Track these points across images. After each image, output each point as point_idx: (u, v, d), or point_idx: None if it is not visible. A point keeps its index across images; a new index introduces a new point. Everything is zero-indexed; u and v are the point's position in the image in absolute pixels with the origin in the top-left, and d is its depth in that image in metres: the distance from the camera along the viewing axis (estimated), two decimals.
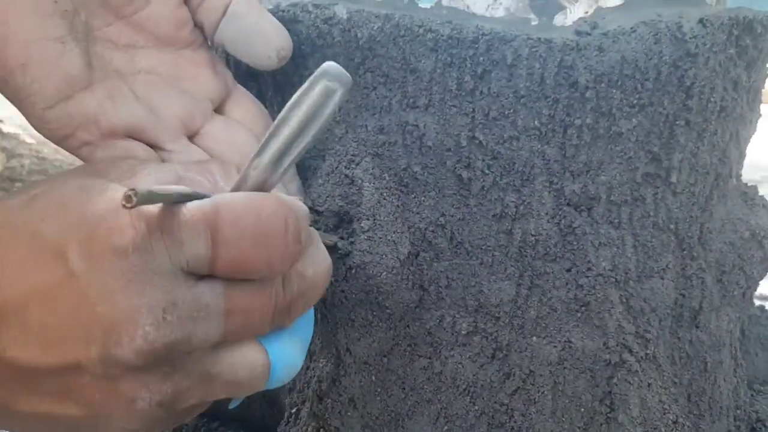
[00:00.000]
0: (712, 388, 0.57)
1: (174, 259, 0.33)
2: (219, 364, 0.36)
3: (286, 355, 0.39)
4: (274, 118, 0.53)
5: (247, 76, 0.55)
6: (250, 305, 0.35)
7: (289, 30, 0.50)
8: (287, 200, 0.36)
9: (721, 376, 0.58)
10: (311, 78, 0.37)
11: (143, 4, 0.45)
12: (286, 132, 0.37)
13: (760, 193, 0.63)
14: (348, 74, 0.37)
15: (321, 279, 0.40)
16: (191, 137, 0.48)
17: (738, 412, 0.61)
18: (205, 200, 0.34)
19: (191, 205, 0.33)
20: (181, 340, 0.33)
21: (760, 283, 0.64)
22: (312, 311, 0.43)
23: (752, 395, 0.68)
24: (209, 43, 0.49)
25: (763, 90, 0.60)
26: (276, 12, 0.51)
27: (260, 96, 0.54)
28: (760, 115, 0.62)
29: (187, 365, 0.34)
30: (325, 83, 0.36)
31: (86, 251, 0.32)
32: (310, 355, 0.54)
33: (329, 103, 0.37)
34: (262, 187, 0.37)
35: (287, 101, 0.52)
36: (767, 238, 0.60)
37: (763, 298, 1.06)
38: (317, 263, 0.40)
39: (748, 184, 0.63)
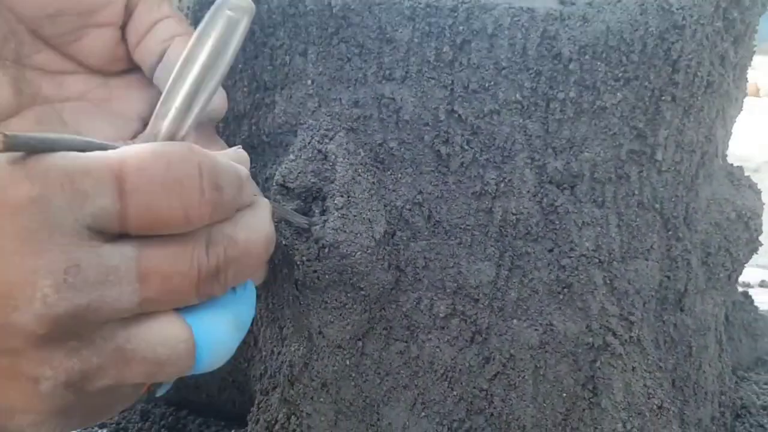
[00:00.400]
0: (697, 373, 0.55)
1: (77, 214, 0.29)
2: (134, 339, 0.32)
3: (214, 332, 0.34)
4: (243, 93, 0.51)
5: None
6: (168, 268, 0.32)
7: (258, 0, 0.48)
8: (201, 149, 0.32)
9: (706, 362, 0.56)
10: (211, 10, 0.34)
11: (77, 37, 0.44)
12: (192, 73, 0.34)
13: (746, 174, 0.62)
14: (251, 1, 0.34)
15: (257, 247, 0.36)
16: None
17: (723, 398, 0.59)
18: (110, 150, 0.31)
19: (95, 155, 0.30)
20: (87, 306, 0.29)
21: (744, 268, 0.63)
22: (252, 288, 0.40)
23: (737, 382, 0.67)
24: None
25: (757, 85, 0.59)
26: None
27: (230, 69, 0.52)
28: (746, 94, 0.60)
29: (97, 339, 0.31)
30: (227, 14, 0.34)
31: None
32: (282, 339, 0.52)
33: (234, 36, 0.34)
34: (174, 137, 0.34)
35: (257, 75, 0.50)
36: (753, 219, 0.59)
37: (746, 284, 1.05)
38: (253, 228, 0.36)
39: (734, 165, 0.62)
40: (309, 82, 0.48)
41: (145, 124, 0.47)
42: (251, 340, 0.58)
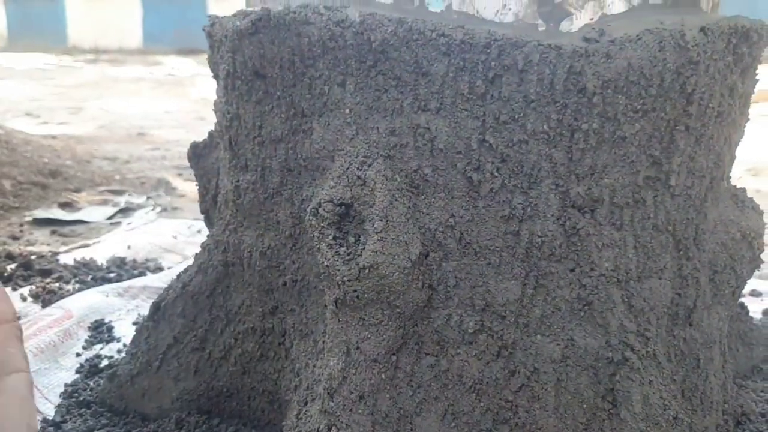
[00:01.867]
0: (704, 384, 0.58)
1: None
2: None
3: None
4: (281, 118, 0.54)
5: (254, 75, 0.55)
6: None
7: (299, 32, 0.51)
8: None
9: (712, 373, 0.60)
10: None
11: None
12: None
13: (749, 196, 0.65)
14: None
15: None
16: None
17: (726, 406, 0.63)
18: None
19: None
20: None
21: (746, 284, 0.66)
22: None
23: (736, 390, 0.70)
24: None
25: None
26: (286, 13, 0.51)
27: (268, 95, 0.55)
28: (749, 120, 0.64)
29: None
30: None
31: None
32: (317, 352, 0.55)
33: None
34: None
35: (295, 102, 0.53)
36: (756, 239, 0.62)
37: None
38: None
39: (737, 186, 0.65)
40: (347, 111, 0.51)
41: None
42: (282, 353, 0.60)
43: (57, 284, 1.09)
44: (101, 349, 0.84)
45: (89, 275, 1.14)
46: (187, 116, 3.48)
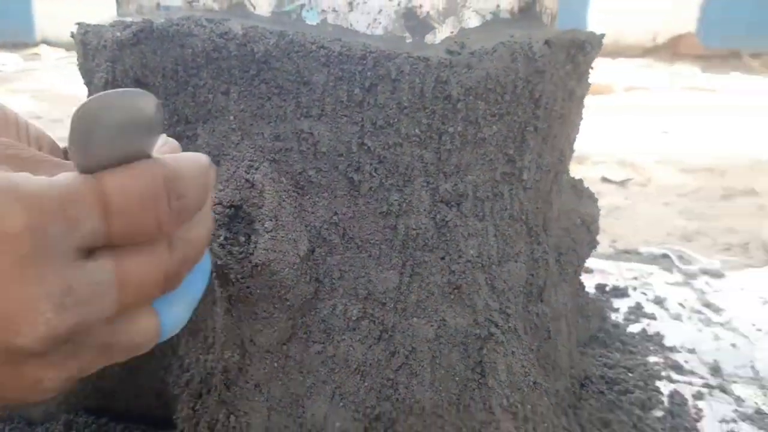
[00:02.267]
0: (554, 352, 0.67)
1: (69, 238, 0.32)
2: (117, 334, 0.36)
3: (174, 315, 0.41)
4: (165, 123, 0.56)
5: (135, 83, 0.56)
6: (140, 275, 0.36)
7: (183, 43, 0.53)
8: (164, 162, 0.36)
9: (561, 343, 0.68)
10: None
11: None
12: None
13: (586, 185, 0.74)
14: None
15: (205, 239, 0.41)
16: None
17: (572, 371, 0.72)
18: (86, 176, 0.33)
19: (78, 182, 0.33)
20: (81, 322, 0.33)
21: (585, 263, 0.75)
22: (206, 263, 0.46)
23: (580, 357, 0.80)
24: None
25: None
26: (169, 26, 0.53)
27: None
28: (583, 119, 0.73)
29: (87, 341, 0.35)
30: None
31: None
32: (207, 348, 0.58)
33: None
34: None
35: (179, 110, 0.55)
36: (593, 224, 0.71)
37: None
38: (201, 224, 0.41)
39: (576, 178, 0.74)
40: (231, 117, 0.54)
41: None
42: (169, 350, 0.62)
43: None
44: None
45: None
46: (22, 110, 3.29)
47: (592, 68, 0.68)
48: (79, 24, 0.64)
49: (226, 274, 0.52)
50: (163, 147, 0.46)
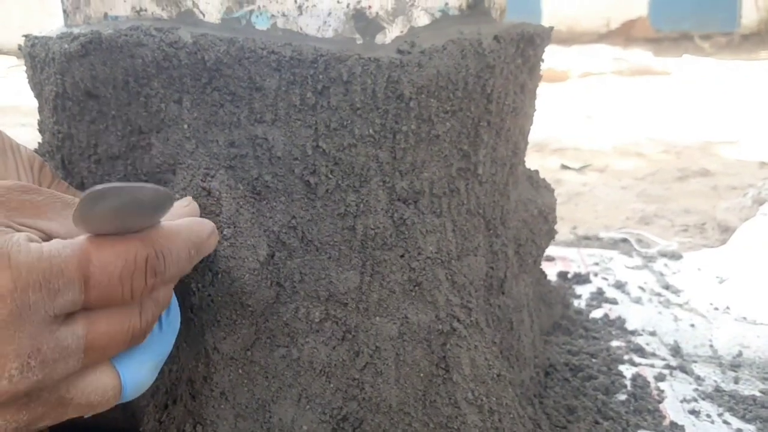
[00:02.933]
0: (518, 343, 0.68)
1: (49, 307, 0.35)
2: (73, 390, 0.38)
3: (137, 374, 0.42)
4: (117, 136, 0.55)
5: (86, 95, 0.56)
6: (109, 338, 0.38)
7: (132, 53, 0.53)
8: (154, 241, 0.39)
9: (523, 333, 0.69)
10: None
11: None
12: None
13: (541, 175, 0.75)
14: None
15: (168, 298, 0.43)
16: None
17: (536, 360, 0.73)
18: (75, 248, 0.36)
19: (65, 254, 0.35)
20: (41, 380, 0.35)
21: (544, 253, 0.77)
22: (175, 317, 0.47)
23: (543, 345, 0.81)
24: None
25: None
26: (118, 36, 0.53)
27: (102, 114, 0.56)
28: (536, 110, 0.74)
29: (43, 395, 0.37)
30: None
31: None
32: (172, 358, 0.58)
33: None
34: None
35: (131, 120, 0.55)
36: (550, 214, 0.72)
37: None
38: (171, 285, 0.43)
39: (531, 169, 0.75)
40: (185, 126, 0.54)
41: None
42: None
43: None
44: None
45: None
46: None
47: (542, 60, 0.69)
48: (26, 36, 0.64)
49: (186, 283, 0.51)
50: (184, 209, 0.49)
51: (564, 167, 2.50)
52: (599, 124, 3.28)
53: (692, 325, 0.96)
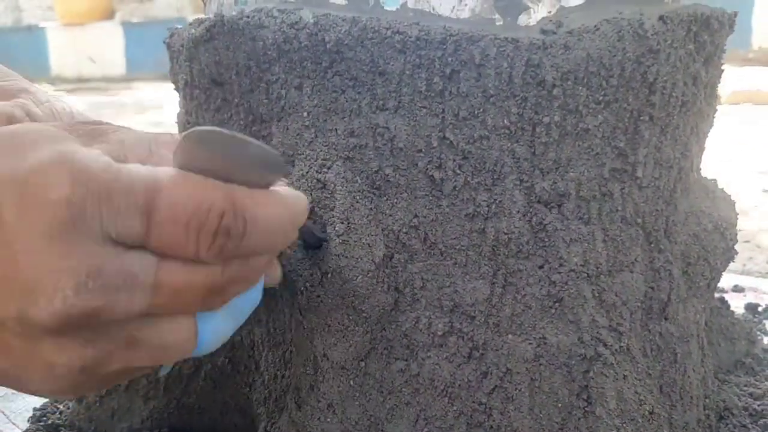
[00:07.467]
0: (682, 378, 0.57)
1: (105, 224, 0.31)
2: (145, 329, 0.34)
3: (214, 323, 0.37)
4: (240, 125, 0.53)
5: (211, 82, 0.54)
6: (182, 283, 0.33)
7: (254, 36, 0.50)
8: (239, 200, 0.33)
9: (691, 367, 0.59)
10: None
11: None
12: None
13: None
14: None
15: (262, 267, 0.38)
16: None
17: (707, 401, 0.62)
18: (150, 174, 0.32)
19: (138, 175, 0.32)
20: (102, 308, 0.31)
21: (721, 276, 0.66)
22: (258, 284, 0.42)
23: (718, 385, 0.70)
24: None
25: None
26: (240, 18, 0.50)
27: (226, 103, 0.54)
28: (717, 111, 0.63)
29: (111, 331, 0.33)
30: None
31: (19, 198, 0.30)
32: (285, 363, 0.54)
33: None
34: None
35: (253, 108, 0.52)
36: (729, 230, 0.62)
37: (720, 290, 1.08)
38: (260, 260, 0.38)
39: (708, 178, 0.65)
40: (305, 114, 0.50)
41: None
42: (252, 365, 0.59)
43: None
44: None
45: None
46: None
47: (723, 51, 0.59)
48: (169, 28, 0.63)
49: (294, 281, 0.48)
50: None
51: (766, 192, 2.25)
52: None
53: None
